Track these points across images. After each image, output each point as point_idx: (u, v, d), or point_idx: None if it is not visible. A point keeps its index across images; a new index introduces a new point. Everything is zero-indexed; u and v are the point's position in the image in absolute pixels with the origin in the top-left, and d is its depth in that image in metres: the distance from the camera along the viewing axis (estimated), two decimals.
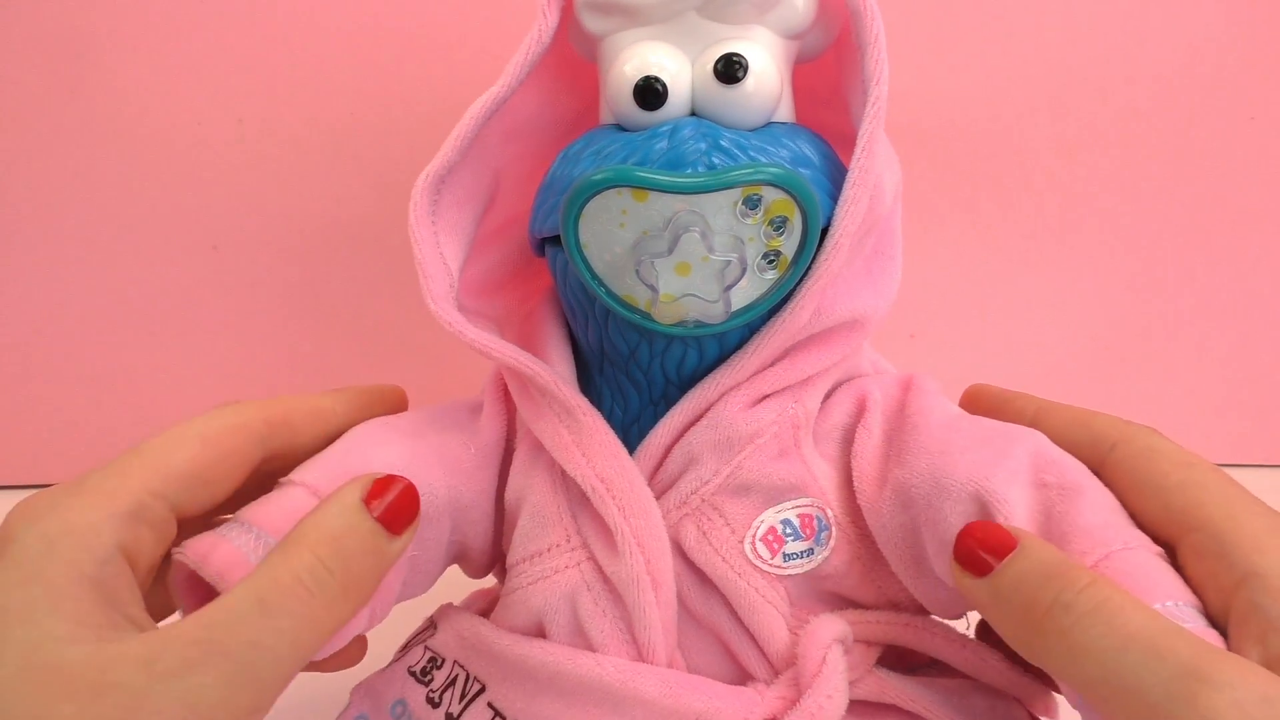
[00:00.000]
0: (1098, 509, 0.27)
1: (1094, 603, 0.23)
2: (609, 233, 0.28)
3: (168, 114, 0.54)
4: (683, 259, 0.27)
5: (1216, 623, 0.25)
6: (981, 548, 0.26)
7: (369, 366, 0.60)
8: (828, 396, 0.32)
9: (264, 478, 0.30)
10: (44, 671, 0.21)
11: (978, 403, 0.35)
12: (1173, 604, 0.24)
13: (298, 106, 0.54)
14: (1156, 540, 0.26)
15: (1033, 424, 0.31)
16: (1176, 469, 0.27)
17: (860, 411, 0.32)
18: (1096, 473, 0.29)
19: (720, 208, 0.27)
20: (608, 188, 0.27)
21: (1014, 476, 0.28)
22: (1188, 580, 0.25)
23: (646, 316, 0.29)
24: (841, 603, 0.33)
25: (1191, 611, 0.24)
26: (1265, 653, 0.23)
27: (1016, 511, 0.27)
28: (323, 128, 0.54)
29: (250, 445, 0.29)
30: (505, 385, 0.34)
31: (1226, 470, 0.27)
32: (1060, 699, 0.32)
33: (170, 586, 0.27)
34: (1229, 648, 0.23)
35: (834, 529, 0.31)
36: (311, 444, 0.31)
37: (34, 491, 0.25)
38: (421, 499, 0.30)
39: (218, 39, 0.53)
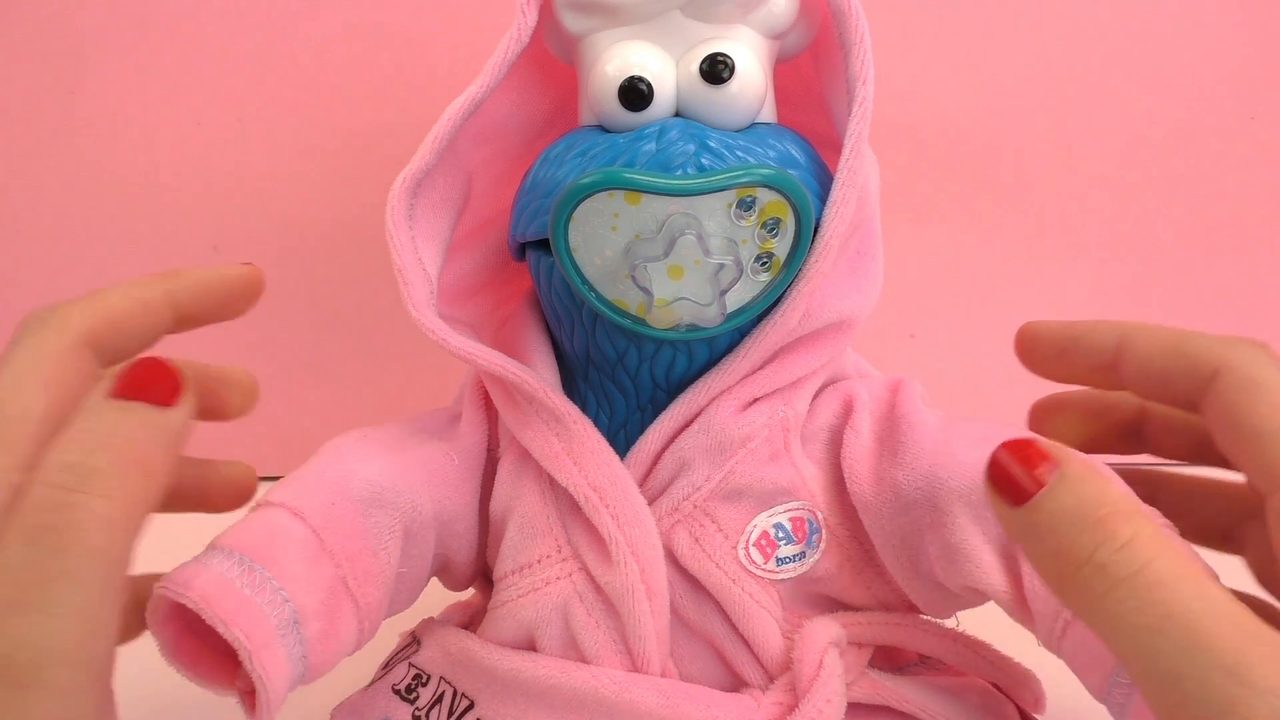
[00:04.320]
0: None
1: (1132, 568, 0.20)
2: (600, 236, 0.27)
3: (168, 114, 0.53)
4: (677, 262, 0.27)
5: None
6: (1020, 464, 0.22)
7: (369, 366, 0.59)
8: (814, 398, 0.32)
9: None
10: None
11: (1037, 347, 0.30)
12: None
13: (298, 106, 0.53)
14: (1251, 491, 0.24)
15: (1116, 354, 0.28)
16: (1276, 412, 0.23)
17: (847, 413, 0.32)
18: (1196, 410, 0.25)
19: (715, 210, 0.27)
20: (599, 190, 0.26)
21: None
22: (1269, 539, 0.23)
23: (639, 321, 0.28)
24: (832, 605, 0.32)
25: None
26: None
27: None
28: (323, 128, 0.54)
29: (85, 376, 0.25)
30: (485, 392, 0.33)
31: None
32: (1047, 692, 0.33)
33: (148, 620, 0.26)
34: None
35: (824, 531, 0.31)
36: (140, 347, 0.27)
37: None
38: (408, 514, 0.30)
39: (218, 38, 0.52)
